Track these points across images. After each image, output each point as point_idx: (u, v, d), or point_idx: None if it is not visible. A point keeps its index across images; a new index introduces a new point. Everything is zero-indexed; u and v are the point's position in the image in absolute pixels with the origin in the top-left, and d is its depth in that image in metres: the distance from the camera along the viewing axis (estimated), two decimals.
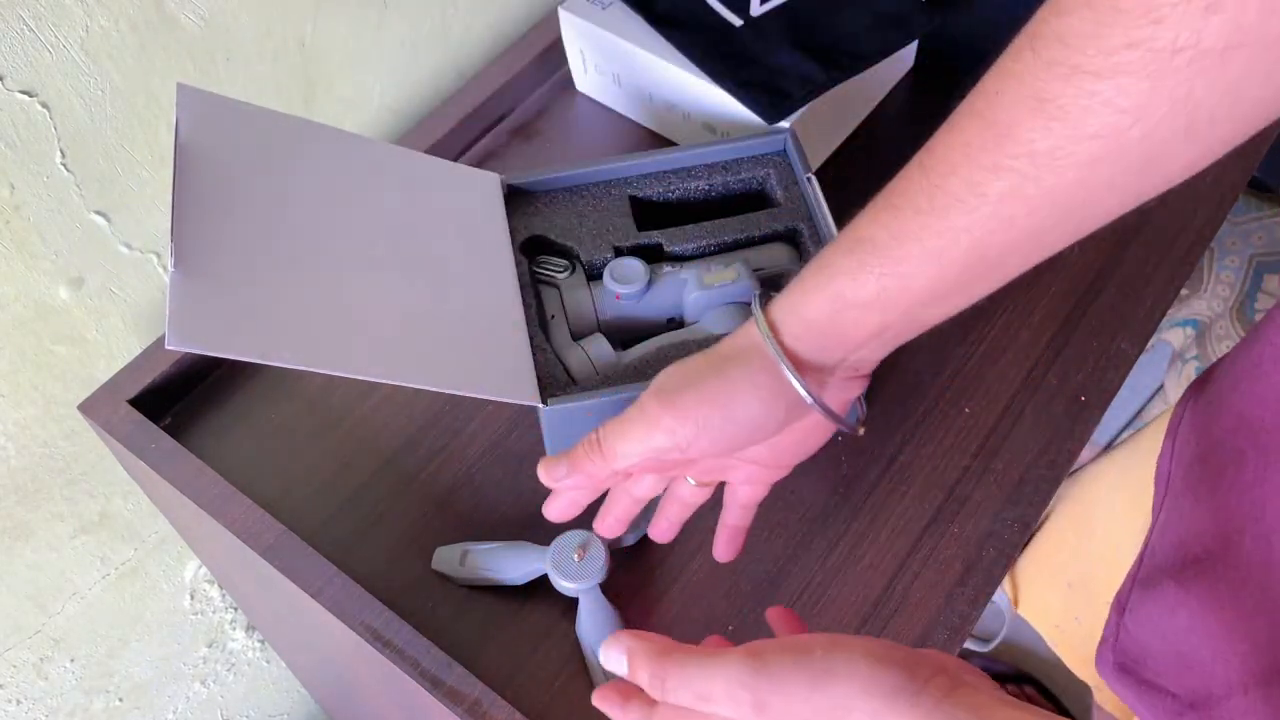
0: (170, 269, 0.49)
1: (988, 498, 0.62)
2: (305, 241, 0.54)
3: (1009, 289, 0.70)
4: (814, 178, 0.64)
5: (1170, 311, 0.78)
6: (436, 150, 0.76)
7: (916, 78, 0.83)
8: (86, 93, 0.59)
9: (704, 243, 0.64)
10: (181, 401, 0.67)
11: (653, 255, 0.64)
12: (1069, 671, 0.80)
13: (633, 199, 0.66)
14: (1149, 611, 0.60)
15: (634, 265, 0.62)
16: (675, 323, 0.63)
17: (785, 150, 0.67)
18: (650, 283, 0.62)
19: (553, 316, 0.61)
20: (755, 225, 0.65)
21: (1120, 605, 0.63)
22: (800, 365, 0.44)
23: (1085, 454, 1.47)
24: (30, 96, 0.57)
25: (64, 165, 0.60)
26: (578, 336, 0.61)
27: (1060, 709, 1.29)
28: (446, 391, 0.53)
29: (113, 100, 0.61)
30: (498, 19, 0.85)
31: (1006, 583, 0.94)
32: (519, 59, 0.81)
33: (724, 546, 0.54)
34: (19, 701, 0.79)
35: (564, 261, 0.64)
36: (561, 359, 0.59)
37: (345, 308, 0.54)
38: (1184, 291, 1.40)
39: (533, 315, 0.60)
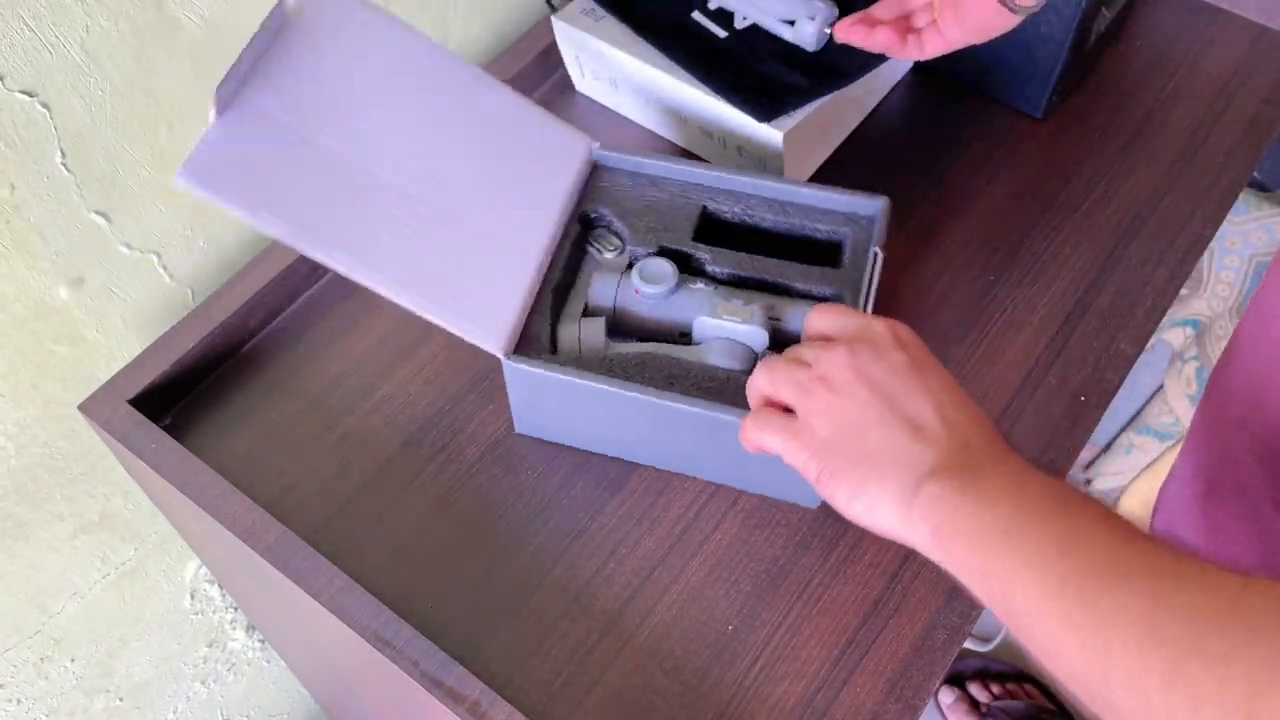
0: (213, 117, 0.50)
1: None
2: (360, 137, 0.56)
3: (1009, 289, 0.71)
4: (880, 253, 0.61)
5: (1170, 311, 0.78)
6: None
7: (916, 77, 0.83)
8: (87, 93, 0.59)
9: (744, 273, 0.63)
10: (181, 401, 0.67)
11: (695, 268, 0.64)
12: None
13: (705, 209, 0.65)
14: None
15: (663, 268, 0.61)
16: (685, 336, 0.62)
17: (875, 217, 0.64)
18: (674, 290, 0.61)
19: (574, 288, 0.62)
20: (804, 278, 0.62)
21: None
22: None
23: (1085, 454, 1.47)
24: (30, 96, 0.57)
25: (64, 165, 0.60)
26: (590, 315, 0.61)
27: (1061, 709, 1.29)
28: (407, 306, 0.54)
29: (113, 100, 0.61)
30: (497, 20, 0.85)
31: None
32: (518, 60, 0.81)
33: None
34: (19, 701, 0.79)
35: (618, 242, 0.64)
36: (555, 328, 0.60)
37: (362, 204, 0.55)
38: (1184, 291, 1.40)
39: (553, 278, 0.61)
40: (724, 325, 0.60)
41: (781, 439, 0.46)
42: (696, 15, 0.75)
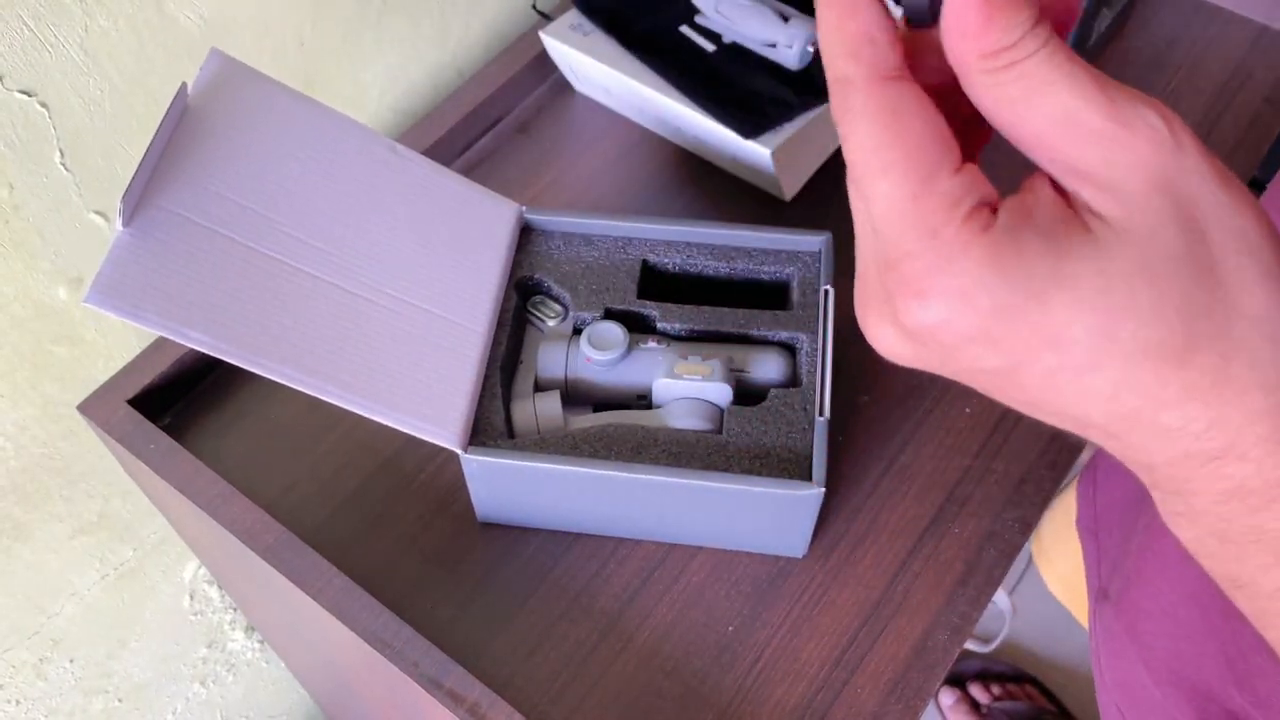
0: (119, 226, 0.47)
1: (989, 498, 0.62)
2: (280, 231, 0.53)
3: None
4: (831, 290, 0.59)
5: None
6: (437, 149, 0.76)
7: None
8: (86, 92, 0.59)
9: (698, 327, 0.60)
10: (180, 401, 0.67)
11: (644, 325, 0.62)
12: (1069, 671, 0.80)
13: (645, 263, 0.63)
14: (1113, 476, 0.65)
15: (613, 333, 0.59)
16: (644, 399, 0.59)
17: (819, 253, 0.62)
18: (627, 353, 0.59)
19: (521, 362, 0.60)
20: (757, 323, 0.60)
21: (1093, 468, 0.68)
22: None
23: (1084, 454, 1.47)
24: (29, 96, 0.57)
25: (63, 165, 0.60)
26: (542, 388, 0.59)
27: (1060, 709, 1.29)
28: (360, 413, 0.51)
29: (112, 100, 0.61)
30: (497, 18, 0.85)
31: (1032, 541, 0.98)
32: (518, 58, 0.81)
33: None
34: (18, 702, 0.79)
35: (559, 308, 0.62)
36: (509, 408, 0.57)
37: (293, 305, 0.51)
38: None
39: (499, 355, 0.58)
40: (685, 385, 0.57)
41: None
42: (685, 29, 0.75)
